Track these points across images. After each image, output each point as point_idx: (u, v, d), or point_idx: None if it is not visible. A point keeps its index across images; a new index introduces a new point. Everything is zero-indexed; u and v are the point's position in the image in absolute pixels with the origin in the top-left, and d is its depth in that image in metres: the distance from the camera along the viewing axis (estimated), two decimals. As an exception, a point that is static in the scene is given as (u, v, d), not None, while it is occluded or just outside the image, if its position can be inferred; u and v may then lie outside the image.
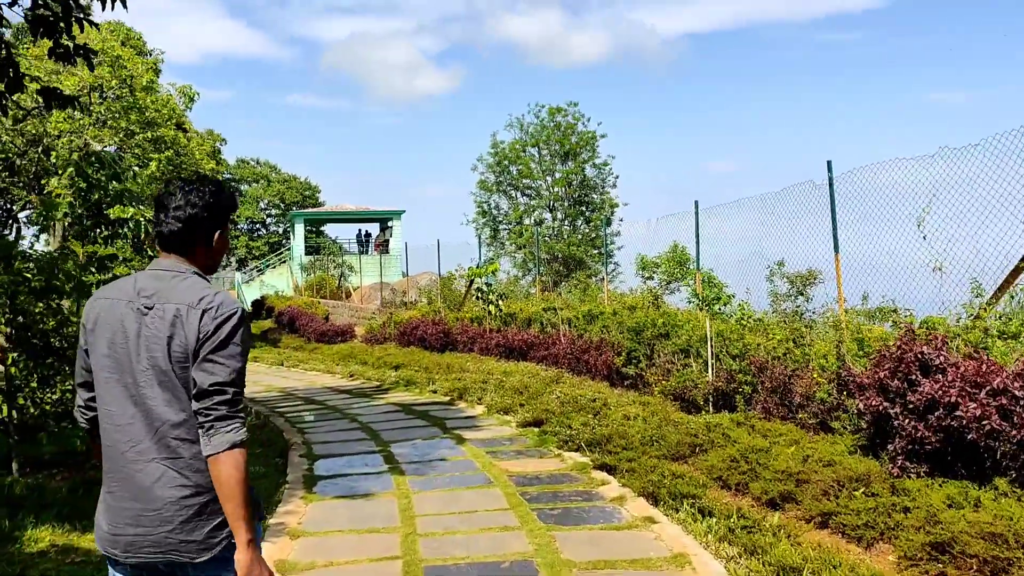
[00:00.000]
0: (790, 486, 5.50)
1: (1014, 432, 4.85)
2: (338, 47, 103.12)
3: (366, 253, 35.30)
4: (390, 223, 36.20)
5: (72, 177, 7.20)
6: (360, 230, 39.33)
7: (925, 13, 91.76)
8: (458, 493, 6.31)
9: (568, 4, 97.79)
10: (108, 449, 2.23)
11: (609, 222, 29.47)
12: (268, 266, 39.94)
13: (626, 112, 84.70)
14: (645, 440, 7.17)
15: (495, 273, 17.72)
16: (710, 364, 8.53)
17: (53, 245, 13.68)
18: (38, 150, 19.13)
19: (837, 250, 8.38)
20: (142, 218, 7.38)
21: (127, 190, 7.50)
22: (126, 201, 7.38)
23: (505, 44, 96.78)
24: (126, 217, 7.27)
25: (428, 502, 6.05)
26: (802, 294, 10.20)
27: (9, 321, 6.59)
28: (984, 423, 4.94)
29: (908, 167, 7.59)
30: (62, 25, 5.80)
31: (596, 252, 28.51)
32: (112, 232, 7.35)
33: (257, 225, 55.72)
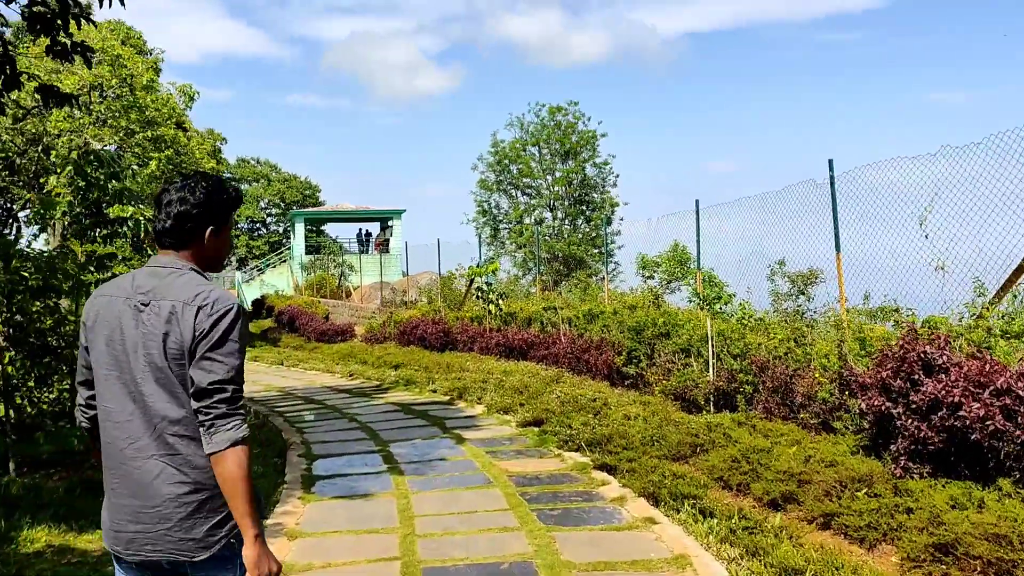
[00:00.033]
0: (792, 487, 5.46)
1: (1018, 432, 4.82)
2: (338, 47, 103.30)
3: (366, 252, 35.24)
4: (390, 222, 36.17)
5: (71, 176, 7.19)
6: (360, 229, 39.31)
7: (925, 13, 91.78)
8: (457, 493, 6.28)
9: (568, 4, 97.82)
10: (107, 446, 2.23)
11: (609, 221, 29.42)
12: (268, 265, 39.90)
13: (626, 112, 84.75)
14: (646, 440, 7.13)
15: (495, 272, 17.70)
16: (711, 364, 8.50)
17: (52, 244, 13.68)
18: (38, 149, 19.09)
19: (839, 249, 8.36)
20: (141, 217, 7.36)
21: (126, 189, 7.49)
22: (125, 200, 7.37)
23: (505, 44, 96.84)
24: (125, 216, 7.26)
25: (427, 502, 6.02)
26: (803, 293, 10.17)
27: (6, 320, 6.56)
28: (988, 423, 4.91)
29: (910, 166, 7.57)
30: (59, 22, 5.77)
31: (596, 251, 28.53)
32: (111, 231, 7.34)
33: (257, 224, 55.78)
